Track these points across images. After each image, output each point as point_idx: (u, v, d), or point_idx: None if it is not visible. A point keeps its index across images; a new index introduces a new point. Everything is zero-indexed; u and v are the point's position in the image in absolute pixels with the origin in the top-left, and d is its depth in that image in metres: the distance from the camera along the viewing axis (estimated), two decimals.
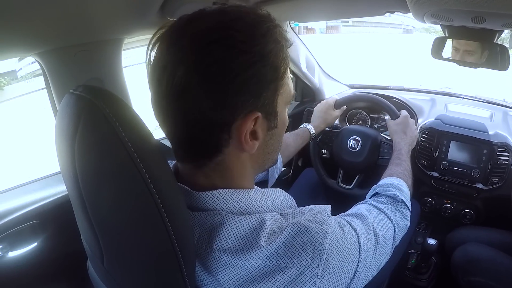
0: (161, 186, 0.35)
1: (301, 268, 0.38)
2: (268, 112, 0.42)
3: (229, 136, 0.40)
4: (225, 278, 0.39)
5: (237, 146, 0.41)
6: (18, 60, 6.70)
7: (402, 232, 0.63)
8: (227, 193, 0.43)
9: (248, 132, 0.40)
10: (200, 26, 0.38)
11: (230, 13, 0.39)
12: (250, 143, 0.41)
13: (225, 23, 0.38)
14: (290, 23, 1.34)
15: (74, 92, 0.36)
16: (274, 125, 0.44)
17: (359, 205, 0.63)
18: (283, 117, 0.46)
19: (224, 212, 0.42)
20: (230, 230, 0.40)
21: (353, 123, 1.41)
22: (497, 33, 0.92)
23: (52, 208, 0.81)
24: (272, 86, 0.41)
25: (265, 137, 0.44)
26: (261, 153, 0.46)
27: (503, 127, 1.20)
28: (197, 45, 0.37)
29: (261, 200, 0.46)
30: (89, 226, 0.37)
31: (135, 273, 0.39)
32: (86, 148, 0.34)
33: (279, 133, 0.47)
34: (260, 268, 0.38)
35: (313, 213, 0.46)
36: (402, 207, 0.65)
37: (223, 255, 0.39)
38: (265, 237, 0.39)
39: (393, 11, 0.96)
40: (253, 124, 0.40)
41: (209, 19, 0.39)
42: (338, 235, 0.42)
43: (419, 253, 1.25)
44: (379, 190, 0.69)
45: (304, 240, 0.39)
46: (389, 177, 0.74)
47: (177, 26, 0.40)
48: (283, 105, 0.45)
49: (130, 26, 0.79)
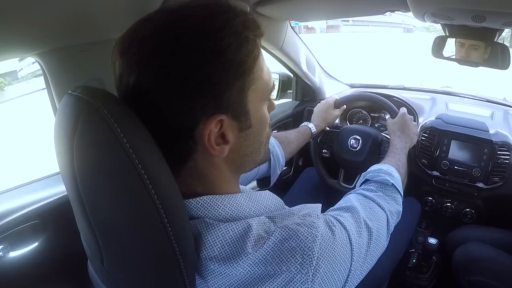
0: (159, 187, 0.35)
1: (290, 275, 0.37)
2: (236, 112, 0.39)
3: (194, 142, 0.38)
4: (215, 286, 0.38)
5: (205, 151, 0.39)
6: (18, 60, 6.71)
7: (395, 219, 0.61)
8: (211, 199, 0.41)
9: (213, 136, 0.38)
10: (146, 31, 0.36)
11: (178, 12, 0.37)
12: (218, 148, 0.39)
13: (172, 23, 0.36)
14: (290, 23, 1.33)
15: (73, 93, 0.36)
16: (247, 126, 0.41)
17: (349, 195, 0.61)
18: (260, 115, 0.43)
19: (209, 220, 0.40)
20: (215, 238, 0.39)
21: (353, 122, 1.41)
22: (497, 32, 0.91)
23: (52, 208, 0.81)
24: (237, 84, 0.38)
25: (237, 139, 0.41)
26: (237, 156, 0.43)
27: (503, 126, 1.20)
28: (145, 50, 0.36)
29: (248, 205, 0.44)
30: (88, 227, 0.37)
31: (134, 273, 0.39)
32: (85, 149, 0.34)
33: (256, 133, 0.43)
34: (249, 275, 0.37)
35: (302, 215, 0.43)
36: (393, 191, 0.64)
37: (210, 264, 0.38)
38: (252, 244, 0.38)
39: (393, 10, 0.96)
40: (218, 127, 0.38)
41: (155, 21, 0.37)
42: (327, 237, 0.41)
43: (420, 252, 1.25)
44: (369, 177, 0.68)
45: (293, 245, 0.37)
46: (379, 164, 0.73)
47: (126, 34, 0.38)
48: (258, 102, 0.42)
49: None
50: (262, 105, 0.44)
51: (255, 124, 0.42)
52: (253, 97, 0.40)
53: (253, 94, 0.40)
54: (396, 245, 0.62)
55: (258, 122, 0.43)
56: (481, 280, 0.95)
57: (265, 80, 0.42)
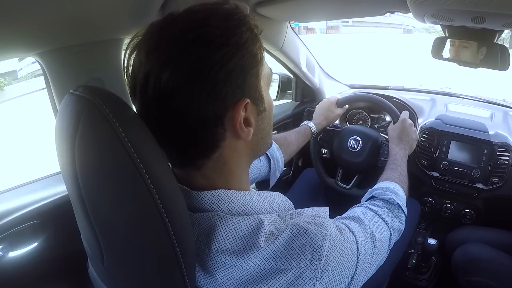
0: (161, 186, 0.35)
1: (299, 270, 0.38)
2: (255, 97, 0.44)
3: (224, 129, 0.42)
4: (223, 279, 0.39)
5: (233, 136, 0.43)
6: (18, 60, 6.71)
7: (396, 236, 0.63)
8: (225, 193, 0.44)
9: (241, 120, 0.42)
10: (175, 29, 0.39)
11: (200, 12, 0.41)
12: (246, 130, 0.43)
13: (199, 21, 0.39)
14: (291, 23, 1.34)
15: (74, 93, 0.36)
16: (262, 109, 0.46)
17: (355, 208, 0.63)
18: (269, 99, 0.48)
19: (222, 213, 0.42)
20: (228, 231, 0.40)
21: (353, 123, 1.41)
22: (497, 33, 0.92)
23: (52, 208, 0.81)
24: (254, 72, 0.43)
25: (256, 122, 0.45)
26: (255, 139, 0.46)
27: (503, 127, 1.20)
28: (178, 47, 0.38)
29: (259, 202, 0.46)
30: (89, 226, 0.37)
31: (135, 273, 0.39)
32: (86, 148, 0.34)
33: (268, 116, 0.48)
34: (259, 269, 0.38)
35: (311, 215, 0.46)
36: (398, 210, 0.66)
37: (221, 256, 0.40)
38: (264, 239, 0.40)
39: (393, 11, 0.96)
40: (244, 111, 0.42)
41: (182, 20, 0.40)
42: (336, 237, 0.42)
43: (419, 253, 1.25)
44: (375, 194, 0.70)
45: (303, 242, 0.39)
46: (385, 182, 0.74)
47: (151, 33, 0.41)
48: (266, 88, 0.47)
49: (131, 26, 0.79)
50: (268, 91, 0.49)
51: (267, 107, 0.47)
52: (263, 83, 0.45)
53: (262, 81, 0.45)
54: (396, 245, 0.62)
55: (269, 106, 0.48)
56: (481, 281, 0.95)
57: (267, 68, 0.48)
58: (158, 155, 0.37)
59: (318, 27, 33.63)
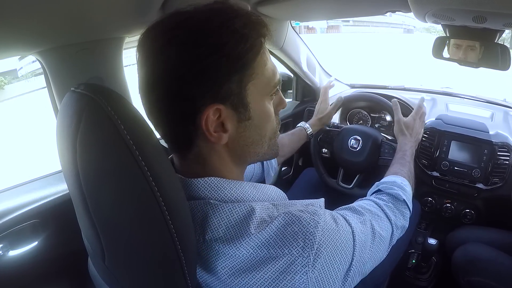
0: (162, 184, 0.35)
1: (291, 258, 0.38)
2: (235, 103, 0.42)
3: (195, 128, 0.42)
4: (218, 268, 0.40)
5: (206, 137, 0.43)
6: (18, 59, 6.70)
7: (399, 233, 0.62)
8: (218, 181, 0.44)
9: (212, 123, 0.41)
10: (157, 30, 0.42)
11: (186, 13, 0.42)
12: (215, 135, 0.42)
13: (179, 22, 0.41)
14: (291, 23, 1.34)
15: (76, 90, 0.36)
16: (246, 117, 0.44)
17: (359, 201, 0.62)
18: (261, 109, 0.45)
19: (214, 201, 0.42)
20: (220, 219, 0.41)
21: (353, 122, 1.41)
22: (498, 33, 0.91)
23: (52, 207, 0.81)
24: (236, 77, 0.41)
25: (237, 129, 0.44)
26: (238, 146, 0.46)
27: (503, 127, 1.20)
28: (154, 47, 0.41)
29: (252, 191, 0.46)
30: (91, 224, 0.37)
31: (136, 271, 0.39)
32: (88, 146, 0.34)
33: (257, 125, 0.45)
34: (251, 257, 0.39)
35: (305, 204, 0.46)
36: (403, 207, 0.65)
37: (215, 245, 0.40)
38: (255, 225, 0.40)
39: (394, 11, 0.96)
40: (217, 115, 0.41)
41: (166, 21, 0.42)
42: (330, 225, 0.42)
43: (419, 253, 1.25)
44: (382, 187, 0.68)
45: (295, 229, 0.39)
46: (393, 175, 0.73)
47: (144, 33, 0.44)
48: (259, 96, 0.45)
49: (131, 25, 0.79)
50: (264, 100, 0.46)
51: (256, 116, 0.45)
52: (253, 91, 0.43)
53: (253, 88, 0.43)
54: (396, 245, 0.62)
55: (258, 115, 0.45)
56: (481, 281, 0.95)
57: (267, 76, 0.45)
58: (159, 152, 0.37)
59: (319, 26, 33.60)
